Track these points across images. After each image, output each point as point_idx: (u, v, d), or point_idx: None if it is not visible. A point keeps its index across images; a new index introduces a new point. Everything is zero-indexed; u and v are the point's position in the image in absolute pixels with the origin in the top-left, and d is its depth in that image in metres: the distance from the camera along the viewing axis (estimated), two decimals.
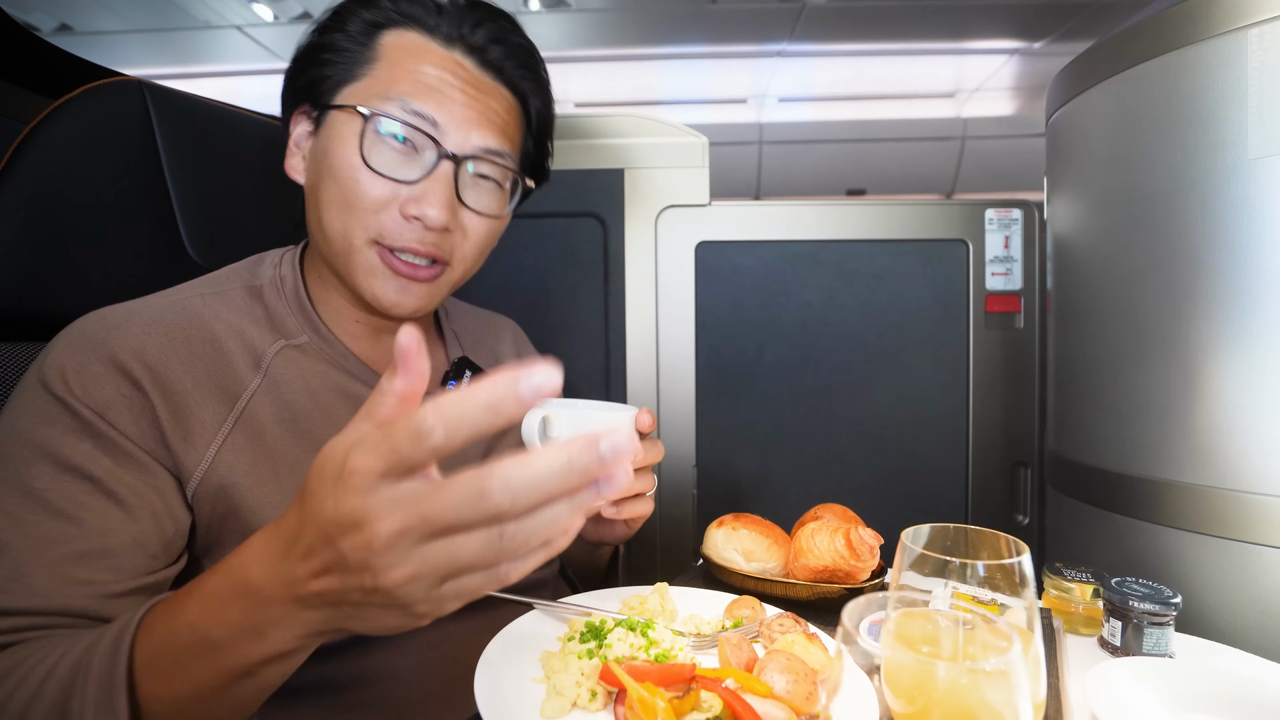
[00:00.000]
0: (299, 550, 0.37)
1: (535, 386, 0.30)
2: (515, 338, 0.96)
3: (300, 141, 0.70)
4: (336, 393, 0.67)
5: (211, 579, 0.42)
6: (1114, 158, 0.87)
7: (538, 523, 0.32)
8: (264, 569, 0.39)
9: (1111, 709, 0.52)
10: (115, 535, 0.52)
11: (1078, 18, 4.19)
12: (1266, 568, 0.72)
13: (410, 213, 0.64)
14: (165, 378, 0.57)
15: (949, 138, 5.84)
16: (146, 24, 4.14)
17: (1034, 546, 1.14)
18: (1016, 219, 1.29)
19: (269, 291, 0.69)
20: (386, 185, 0.64)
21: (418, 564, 0.33)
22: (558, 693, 0.51)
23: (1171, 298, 0.79)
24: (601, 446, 0.30)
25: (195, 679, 0.42)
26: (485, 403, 0.30)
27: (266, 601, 0.39)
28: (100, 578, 0.50)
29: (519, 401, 0.30)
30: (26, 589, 0.48)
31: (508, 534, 0.32)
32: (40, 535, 0.50)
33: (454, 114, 0.65)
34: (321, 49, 0.67)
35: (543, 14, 4.17)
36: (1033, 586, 0.45)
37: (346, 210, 0.64)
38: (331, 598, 0.36)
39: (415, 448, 0.32)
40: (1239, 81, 0.72)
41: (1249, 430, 0.73)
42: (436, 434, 0.31)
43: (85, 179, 0.73)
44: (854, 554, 0.72)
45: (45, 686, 0.42)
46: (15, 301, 0.68)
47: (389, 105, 0.64)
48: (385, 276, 0.66)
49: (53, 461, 0.52)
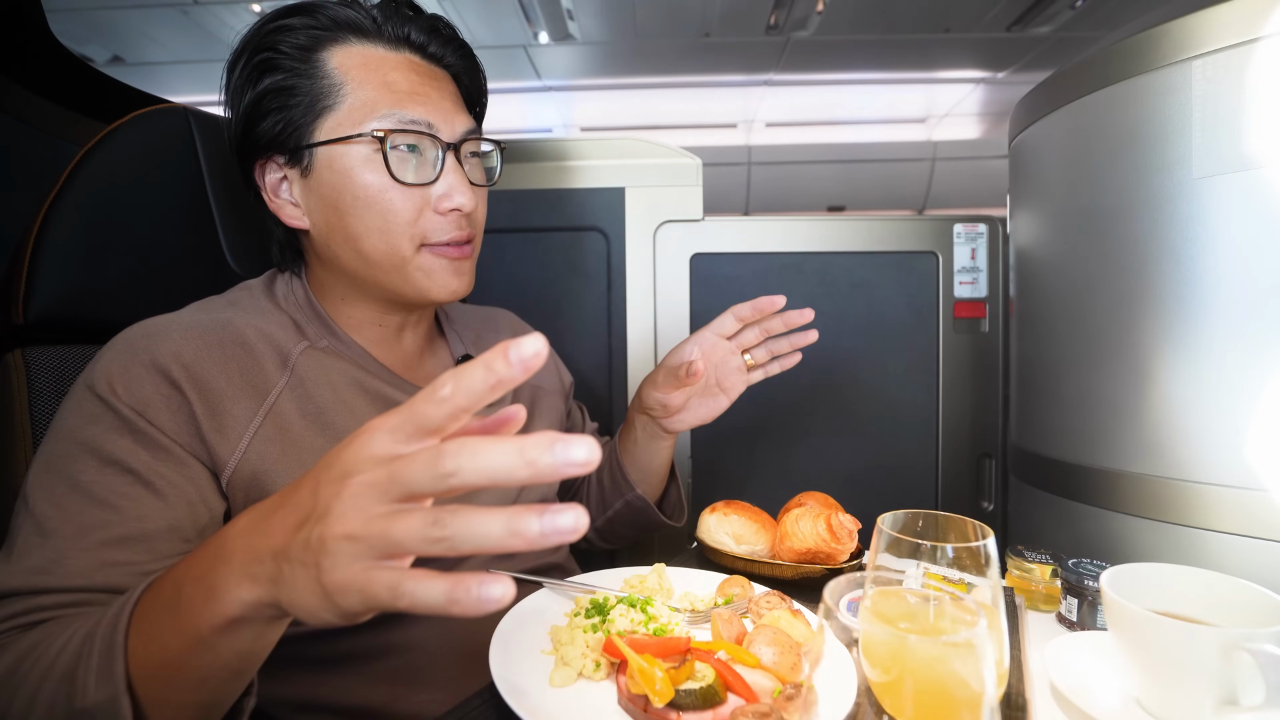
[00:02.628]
0: (284, 504, 0.35)
1: (520, 350, 0.29)
2: (512, 325, 0.94)
3: (280, 192, 0.66)
4: (356, 388, 0.67)
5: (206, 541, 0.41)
6: (1070, 177, 0.87)
7: (471, 522, 0.29)
8: (244, 522, 0.38)
9: (1068, 678, 0.52)
10: (151, 521, 0.52)
11: (1037, 50, 4.20)
12: (1207, 549, 0.72)
13: (444, 208, 0.64)
14: (201, 378, 0.57)
15: (920, 159, 5.85)
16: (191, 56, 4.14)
17: (998, 531, 1.13)
18: (982, 233, 1.29)
19: (287, 304, 0.69)
20: (416, 193, 0.63)
21: (362, 522, 0.31)
22: (565, 663, 0.51)
23: (1122, 304, 0.79)
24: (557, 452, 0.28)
25: (161, 640, 0.39)
26: (483, 362, 0.30)
27: (228, 555, 0.37)
28: (137, 558, 0.50)
29: (506, 361, 0.29)
30: (66, 570, 0.48)
31: (440, 521, 0.30)
32: (83, 522, 0.50)
33: (435, 109, 0.64)
34: (269, 94, 0.62)
35: (551, 46, 4.18)
36: (996, 567, 0.45)
37: (387, 230, 0.63)
38: (280, 550, 0.34)
39: (428, 401, 0.31)
40: (1184, 108, 0.73)
41: (1191, 424, 0.73)
42: (447, 387, 0.30)
43: (135, 196, 0.73)
44: (834, 537, 0.72)
45: (60, 658, 0.41)
46: (72, 307, 0.68)
47: (386, 122, 0.61)
48: (441, 270, 0.66)
49: (97, 456, 0.52)
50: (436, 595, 0.30)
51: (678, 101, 5.11)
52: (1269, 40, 0.67)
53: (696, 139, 5.63)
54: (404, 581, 0.30)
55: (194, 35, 3.87)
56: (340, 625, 0.34)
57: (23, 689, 0.41)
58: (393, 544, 0.30)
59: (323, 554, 0.32)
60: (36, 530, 0.50)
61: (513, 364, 0.29)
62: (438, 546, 0.30)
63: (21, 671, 0.42)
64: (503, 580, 0.29)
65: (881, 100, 5.09)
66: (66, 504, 0.50)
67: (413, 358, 0.75)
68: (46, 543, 0.49)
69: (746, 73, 4.62)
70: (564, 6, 3.68)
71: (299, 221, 0.66)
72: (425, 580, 0.30)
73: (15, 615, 0.47)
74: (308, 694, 0.62)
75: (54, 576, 0.48)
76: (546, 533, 0.29)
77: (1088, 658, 0.55)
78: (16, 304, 0.66)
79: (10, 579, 0.48)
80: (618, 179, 1.27)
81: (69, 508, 0.50)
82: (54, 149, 1.03)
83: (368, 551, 0.31)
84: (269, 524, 0.35)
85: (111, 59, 4.06)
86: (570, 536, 0.29)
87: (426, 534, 0.30)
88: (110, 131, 0.72)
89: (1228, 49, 0.69)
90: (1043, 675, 0.54)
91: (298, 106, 0.62)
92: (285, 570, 0.34)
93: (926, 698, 0.36)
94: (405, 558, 0.32)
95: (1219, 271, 0.71)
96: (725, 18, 3.79)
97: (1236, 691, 0.43)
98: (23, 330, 0.67)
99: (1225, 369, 0.71)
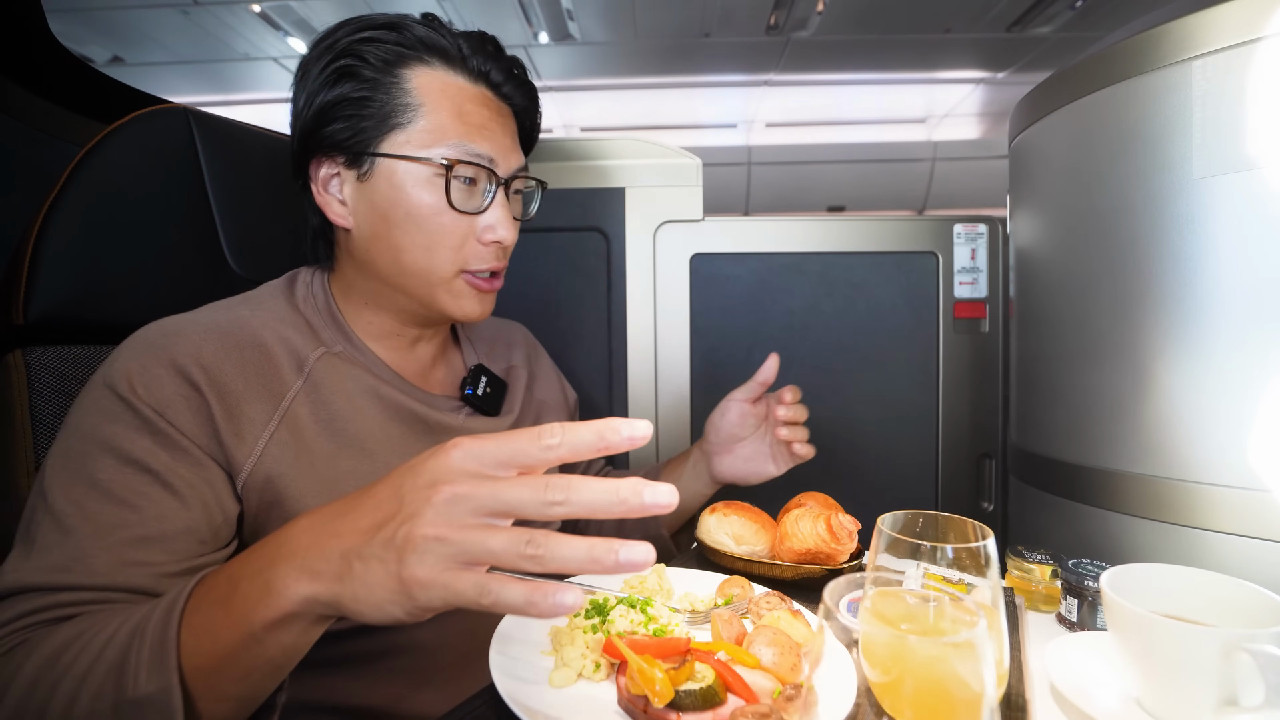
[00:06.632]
0: (357, 506, 0.38)
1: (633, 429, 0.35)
2: (525, 339, 0.96)
3: (330, 187, 0.67)
4: (370, 395, 0.67)
5: (263, 540, 0.42)
6: (1070, 177, 0.87)
7: (560, 545, 0.34)
8: (306, 522, 0.40)
9: (1068, 678, 0.52)
10: (170, 522, 0.52)
11: (1037, 50, 4.20)
12: (1208, 549, 0.72)
13: (488, 239, 0.67)
14: (220, 379, 0.57)
15: (920, 159, 5.85)
16: (191, 56, 4.15)
17: (998, 531, 1.13)
18: (982, 233, 1.29)
19: (305, 307, 0.69)
20: (465, 220, 0.66)
21: (453, 528, 0.34)
22: (565, 664, 0.51)
23: (1122, 304, 0.79)
24: (645, 497, 0.33)
25: (214, 634, 0.40)
26: (596, 430, 0.35)
27: (289, 553, 0.38)
28: (156, 559, 0.51)
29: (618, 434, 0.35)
30: (88, 569, 0.48)
31: (535, 541, 0.33)
32: (103, 521, 0.50)
33: (497, 145, 0.67)
34: (345, 102, 0.63)
35: (551, 47, 4.18)
36: (996, 567, 0.45)
37: (431, 250, 0.66)
38: (352, 548, 0.36)
39: (532, 443, 0.35)
40: (1184, 108, 0.72)
41: (1192, 425, 0.73)
42: (555, 437, 0.35)
43: (136, 197, 0.73)
44: (834, 538, 0.72)
45: (106, 650, 0.42)
46: (72, 308, 0.68)
47: (454, 151, 0.64)
48: (472, 297, 0.69)
49: (116, 455, 0.52)
50: (517, 597, 0.34)
51: (678, 101, 5.11)
52: (1269, 40, 0.67)
53: (696, 139, 5.63)
54: (489, 582, 0.34)
55: (194, 36, 3.88)
56: (400, 621, 0.36)
57: (65, 680, 0.42)
58: (487, 553, 0.34)
59: (408, 550, 0.34)
60: (56, 527, 0.50)
61: (623, 438, 0.34)
62: (528, 563, 0.34)
63: (64, 662, 0.42)
64: (574, 590, 0.34)
65: (882, 100, 5.09)
66: (86, 502, 0.50)
67: (426, 366, 0.76)
68: (67, 540, 0.49)
69: (746, 73, 4.62)
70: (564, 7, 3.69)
71: (343, 220, 0.67)
72: (508, 583, 0.34)
73: (38, 610, 0.47)
74: (310, 695, 0.62)
75: (75, 574, 0.48)
76: (623, 563, 0.33)
77: (1088, 658, 0.55)
78: (17, 304, 0.66)
79: (32, 574, 0.48)
80: (618, 179, 1.27)
81: (89, 506, 0.50)
82: (54, 149, 1.03)
83: (454, 554, 0.34)
84: (338, 524, 0.38)
85: (111, 59, 4.06)
86: (640, 569, 0.34)
87: (521, 550, 0.34)
88: (110, 132, 0.72)
89: (1228, 49, 0.69)
90: (1043, 676, 0.54)
91: (371, 117, 0.64)
92: (357, 567, 0.36)
93: (926, 698, 0.36)
94: (484, 565, 0.35)
95: (1219, 271, 0.71)
96: (725, 18, 3.79)
97: (1236, 692, 0.43)
98: (23, 330, 0.67)
99: (1225, 369, 0.70)
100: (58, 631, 0.45)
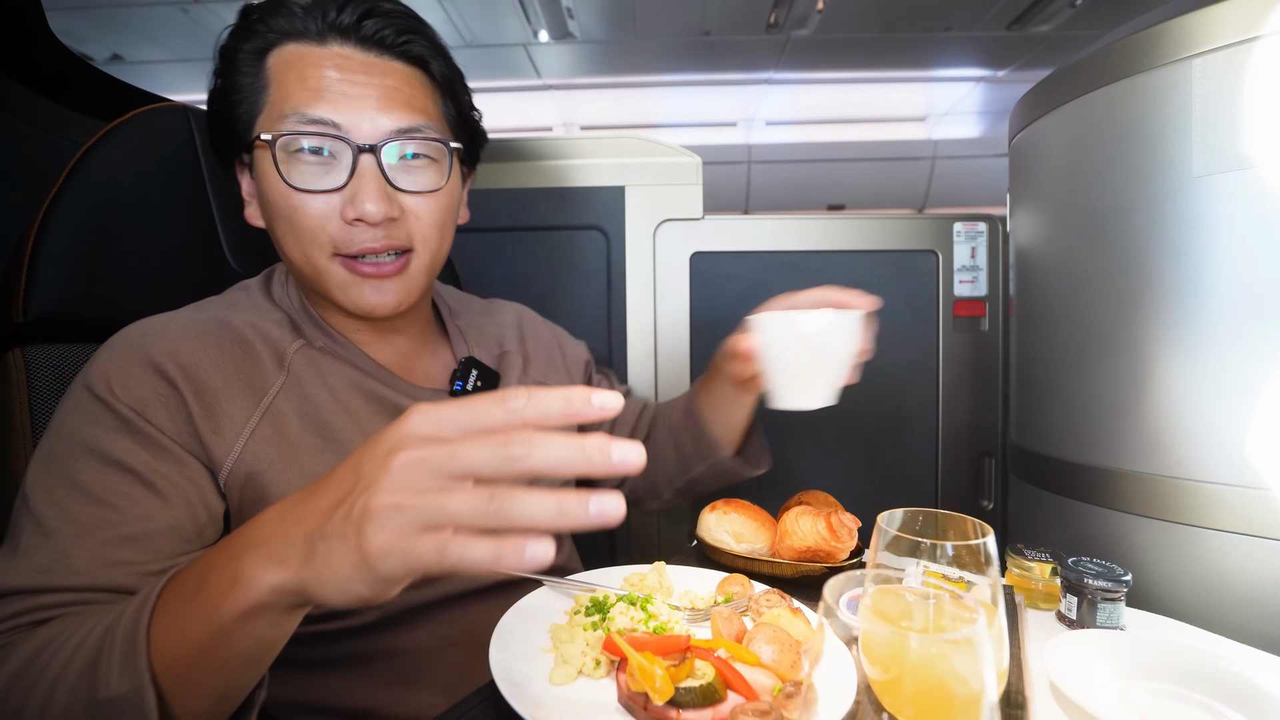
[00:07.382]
0: (319, 490, 0.37)
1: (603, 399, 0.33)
2: (518, 319, 0.91)
3: (250, 190, 0.66)
4: (353, 389, 0.66)
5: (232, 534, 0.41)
6: (1070, 175, 0.87)
7: (526, 500, 0.32)
8: (273, 512, 0.39)
9: (1068, 676, 0.52)
10: (153, 521, 0.52)
11: (1037, 49, 4.19)
12: (1208, 548, 0.72)
13: (349, 216, 0.60)
14: (198, 376, 0.57)
15: (920, 157, 5.84)
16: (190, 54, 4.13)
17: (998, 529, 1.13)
18: (982, 231, 1.29)
19: (284, 302, 0.68)
20: (320, 199, 0.60)
21: (410, 493, 0.33)
22: (565, 661, 0.51)
23: (1122, 302, 0.79)
24: (614, 455, 0.32)
25: (184, 630, 0.40)
26: (564, 395, 0.33)
27: (255, 543, 0.38)
28: (138, 558, 0.50)
29: (587, 403, 0.33)
30: (69, 569, 0.48)
31: (497, 496, 0.32)
32: (84, 522, 0.50)
33: (352, 107, 0.60)
34: (225, 93, 0.62)
35: (551, 45, 4.17)
36: (996, 565, 0.45)
37: (297, 237, 0.61)
38: (314, 530, 0.35)
39: (496, 405, 0.33)
40: (1184, 106, 0.72)
41: (1192, 423, 0.73)
42: (521, 400, 0.33)
43: (135, 194, 0.73)
44: (834, 536, 0.72)
45: (79, 652, 0.41)
46: (71, 306, 0.68)
47: (286, 123, 0.59)
48: (357, 284, 0.63)
49: (97, 456, 0.52)
50: (483, 554, 0.32)
51: (677, 100, 5.10)
52: (1269, 39, 0.67)
53: (696, 137, 5.62)
54: (450, 543, 0.32)
55: (194, 34, 3.87)
56: (365, 600, 0.35)
57: (40, 683, 0.41)
58: (446, 515, 0.32)
59: (366, 521, 0.33)
60: (38, 530, 0.49)
61: (594, 408, 0.33)
62: (493, 520, 0.32)
63: (38, 666, 0.42)
64: (544, 541, 0.32)
65: (881, 99, 5.08)
66: (68, 504, 0.50)
67: (409, 356, 0.74)
68: (49, 542, 0.49)
69: (746, 71, 4.61)
70: (564, 5, 3.68)
71: (255, 219, 0.67)
72: (471, 540, 0.32)
73: (19, 614, 0.47)
74: (309, 695, 0.62)
75: (57, 576, 0.48)
76: (593, 516, 0.31)
77: (1087, 656, 0.55)
78: (16, 303, 0.66)
79: (14, 577, 0.48)
80: (618, 178, 1.27)
81: (70, 507, 0.50)
82: (54, 148, 1.02)
83: (414, 520, 0.32)
84: (301, 510, 0.37)
85: (111, 57, 4.05)
86: (612, 522, 0.32)
87: (484, 508, 0.32)
88: (110, 130, 0.72)
89: (1227, 47, 0.69)
90: (1042, 673, 0.54)
91: (244, 104, 0.62)
92: (320, 548, 0.35)
93: (926, 696, 0.36)
94: (447, 530, 0.33)
95: (1219, 269, 0.71)
96: (725, 16, 3.78)
97: None
98: (23, 329, 0.67)
99: (1225, 367, 0.70)
100: (36, 634, 0.45)
